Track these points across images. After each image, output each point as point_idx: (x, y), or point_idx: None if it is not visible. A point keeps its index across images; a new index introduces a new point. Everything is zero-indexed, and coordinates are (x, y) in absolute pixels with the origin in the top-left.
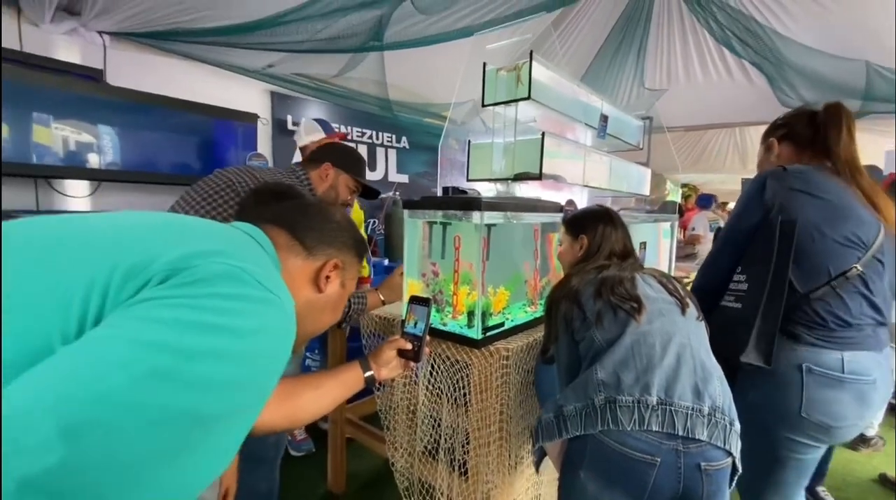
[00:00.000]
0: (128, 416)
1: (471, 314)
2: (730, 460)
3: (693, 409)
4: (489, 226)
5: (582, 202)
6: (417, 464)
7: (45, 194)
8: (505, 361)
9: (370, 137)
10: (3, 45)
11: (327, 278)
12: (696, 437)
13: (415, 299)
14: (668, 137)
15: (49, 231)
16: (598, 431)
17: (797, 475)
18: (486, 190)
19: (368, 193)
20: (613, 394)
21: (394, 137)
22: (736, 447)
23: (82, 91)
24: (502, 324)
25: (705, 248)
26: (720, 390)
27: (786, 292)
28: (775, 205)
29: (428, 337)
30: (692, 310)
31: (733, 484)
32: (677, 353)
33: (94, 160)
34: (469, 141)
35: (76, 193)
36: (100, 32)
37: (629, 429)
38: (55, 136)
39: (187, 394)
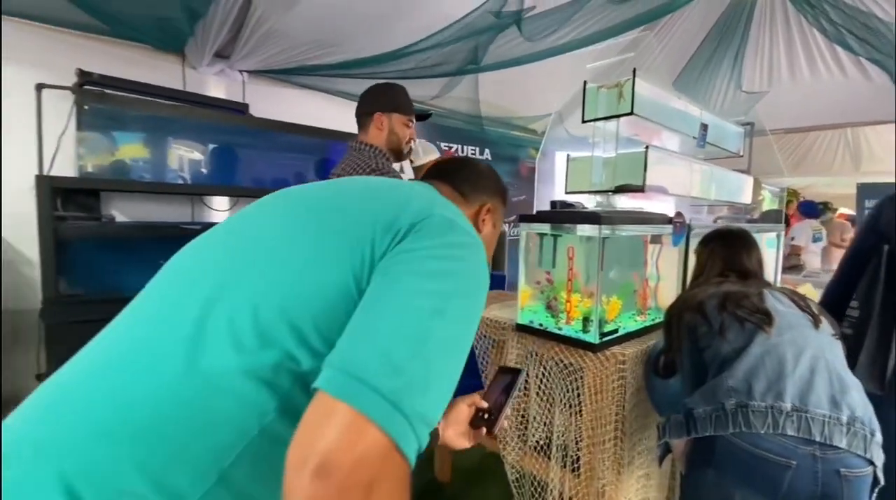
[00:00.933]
0: (428, 344)
1: (585, 320)
2: (871, 469)
3: (830, 417)
4: (604, 238)
5: (669, 210)
6: (528, 459)
7: (198, 209)
8: (622, 364)
9: (456, 151)
10: (169, 86)
11: (483, 220)
12: (835, 444)
13: (504, 370)
14: (771, 140)
15: (325, 197)
16: (730, 433)
17: None
18: (584, 201)
19: (419, 117)
20: (745, 399)
21: (477, 149)
22: (878, 456)
23: (234, 123)
24: (616, 331)
25: (811, 258)
26: (859, 401)
27: None
28: (890, 231)
29: (510, 410)
30: (826, 326)
31: (874, 496)
32: (810, 364)
33: (236, 179)
34: (568, 155)
35: (219, 208)
36: (240, 71)
37: (762, 432)
38: (208, 160)
39: (452, 324)
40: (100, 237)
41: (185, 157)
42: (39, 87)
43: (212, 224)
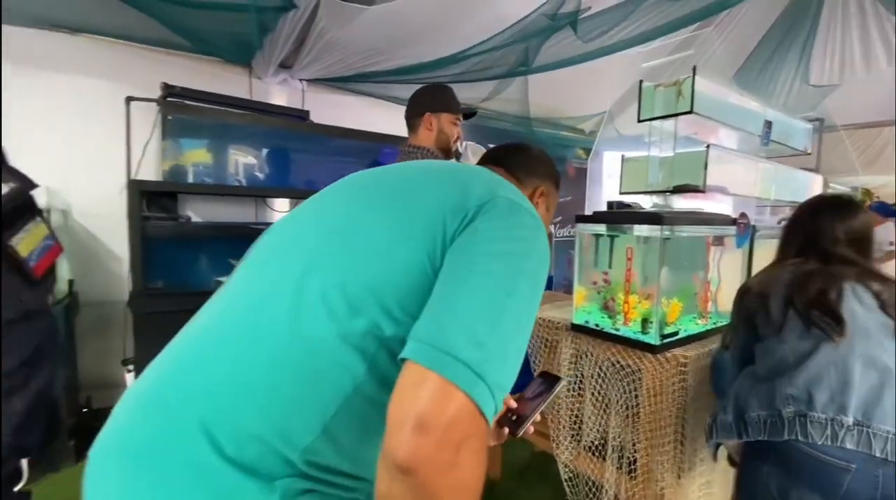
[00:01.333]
0: (503, 321)
1: (645, 321)
2: None
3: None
4: (665, 239)
5: (728, 211)
6: (582, 458)
7: (260, 210)
8: (683, 367)
9: None
10: (238, 95)
11: (536, 203)
12: None
13: (545, 375)
14: (843, 136)
15: (397, 181)
16: (785, 440)
17: None
18: (639, 202)
19: (465, 115)
20: (804, 409)
21: None
22: None
23: (297, 129)
24: (676, 333)
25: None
26: None
27: None
28: None
29: (539, 416)
30: None
31: None
32: (881, 378)
33: (298, 182)
34: (623, 155)
35: (280, 208)
36: (301, 80)
37: (819, 443)
38: (271, 165)
39: (522, 302)
40: (179, 236)
41: (252, 162)
42: (129, 99)
43: (269, 224)
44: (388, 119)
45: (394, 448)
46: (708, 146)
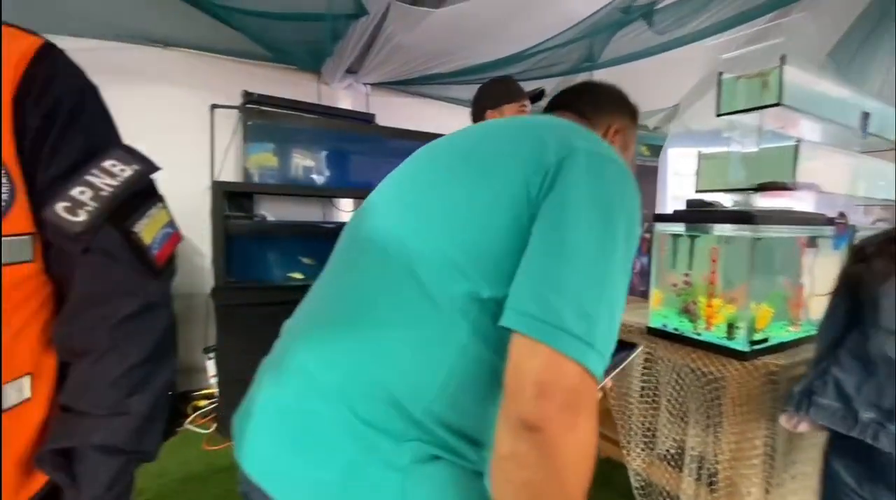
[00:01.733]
0: (606, 287)
1: (731, 326)
2: None
3: None
4: (755, 240)
5: (811, 209)
6: (655, 468)
7: (327, 210)
8: (773, 375)
9: None
10: (306, 100)
11: (611, 142)
12: None
13: (619, 342)
14: None
15: (475, 147)
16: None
17: None
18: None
19: (533, 98)
20: (883, 420)
21: None
22: None
23: (363, 132)
24: (765, 340)
25: None
26: None
27: None
28: None
29: (609, 382)
30: None
31: None
32: None
33: (362, 182)
34: (699, 152)
35: (346, 208)
36: (365, 83)
37: (887, 451)
38: (340, 166)
39: (620, 264)
40: (255, 233)
41: (323, 163)
42: (213, 107)
43: (341, 223)
44: (450, 120)
45: (518, 410)
46: (798, 141)
